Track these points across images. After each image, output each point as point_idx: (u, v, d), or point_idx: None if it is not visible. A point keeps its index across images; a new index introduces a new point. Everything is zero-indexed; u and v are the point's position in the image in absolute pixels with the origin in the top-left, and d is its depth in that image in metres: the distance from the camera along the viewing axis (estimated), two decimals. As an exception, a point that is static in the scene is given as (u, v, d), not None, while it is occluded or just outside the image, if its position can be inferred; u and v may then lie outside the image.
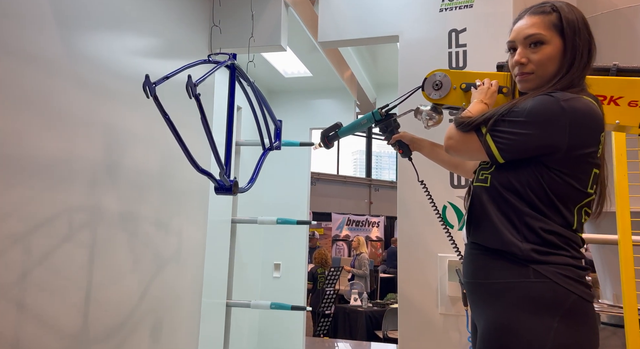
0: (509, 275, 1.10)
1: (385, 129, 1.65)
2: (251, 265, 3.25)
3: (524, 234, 1.10)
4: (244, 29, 2.24)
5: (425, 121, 1.57)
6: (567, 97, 1.09)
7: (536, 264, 1.07)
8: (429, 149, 1.61)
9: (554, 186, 1.09)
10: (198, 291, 2.32)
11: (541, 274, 1.06)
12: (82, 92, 1.59)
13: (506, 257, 1.11)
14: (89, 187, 1.62)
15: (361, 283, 6.78)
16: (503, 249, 1.11)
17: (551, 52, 1.16)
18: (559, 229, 1.09)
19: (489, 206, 1.16)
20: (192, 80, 1.24)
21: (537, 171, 1.10)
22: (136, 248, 1.87)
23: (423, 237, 2.01)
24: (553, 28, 1.16)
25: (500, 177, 1.15)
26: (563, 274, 1.06)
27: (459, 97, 1.47)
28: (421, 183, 1.67)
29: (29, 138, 1.40)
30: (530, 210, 1.10)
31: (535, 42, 1.17)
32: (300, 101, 3.56)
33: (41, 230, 1.44)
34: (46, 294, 1.46)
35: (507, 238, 1.11)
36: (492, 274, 1.13)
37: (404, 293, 2.02)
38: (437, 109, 1.56)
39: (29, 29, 1.40)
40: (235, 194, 1.57)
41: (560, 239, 1.09)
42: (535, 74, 1.18)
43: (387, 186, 13.80)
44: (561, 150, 1.07)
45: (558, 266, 1.06)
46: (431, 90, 1.50)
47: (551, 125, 1.08)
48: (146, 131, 1.90)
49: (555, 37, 1.16)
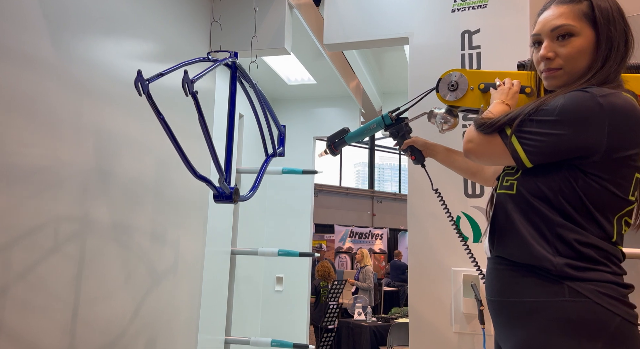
0: (541, 293, 0.98)
1: (396, 134, 1.55)
2: (252, 278, 3.12)
3: (557, 247, 0.98)
4: (245, 28, 2.14)
5: (439, 124, 1.46)
6: (605, 93, 0.97)
7: (572, 281, 0.95)
8: (443, 154, 1.51)
9: (590, 192, 0.97)
10: (196, 308, 2.19)
11: (578, 293, 0.94)
12: (72, 94, 1.49)
13: (537, 273, 0.99)
14: (77, 195, 1.51)
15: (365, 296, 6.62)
16: (533, 263, 0.99)
17: (582, 44, 1.04)
18: (596, 242, 0.97)
19: (515, 216, 1.04)
20: (189, 76, 1.13)
21: (571, 175, 0.98)
22: (129, 262, 1.75)
23: (435, 250, 1.89)
24: (584, 18, 1.04)
25: (528, 183, 1.03)
26: (604, 293, 0.93)
27: (477, 99, 1.36)
28: (435, 191, 1.56)
29: (11, 142, 1.29)
30: (563, 220, 0.98)
31: (563, 34, 1.05)
32: (303, 109, 3.46)
33: (23, 242, 1.32)
34: (27, 312, 1.34)
35: (538, 252, 0.99)
36: (521, 292, 1.01)
37: (415, 309, 1.89)
38: (453, 111, 1.45)
39: (15, 28, 1.30)
40: (235, 202, 1.45)
41: (599, 252, 0.97)
42: (564, 69, 1.07)
43: (389, 197, 13.69)
44: (599, 152, 0.95)
45: (597, 284, 0.94)
46: (446, 91, 1.40)
47: (587, 124, 0.95)
48: (141, 136, 1.79)
49: (586, 28, 1.04)
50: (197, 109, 1.20)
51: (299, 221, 3.29)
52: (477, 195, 1.86)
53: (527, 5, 1.88)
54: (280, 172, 2.40)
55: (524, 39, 1.85)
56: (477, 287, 1.76)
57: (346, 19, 2.16)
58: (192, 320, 2.17)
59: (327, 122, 3.49)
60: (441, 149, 1.52)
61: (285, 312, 3.23)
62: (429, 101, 1.51)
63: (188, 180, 1.43)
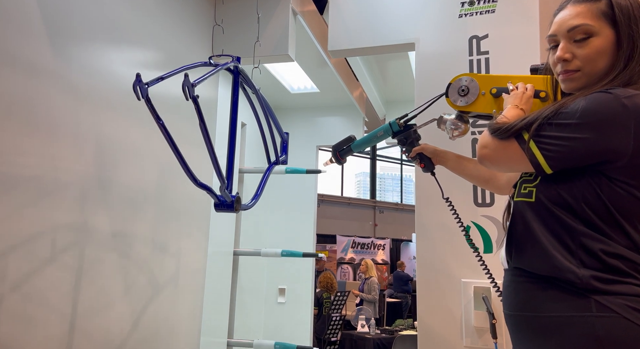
0: (565, 308, 0.91)
1: (405, 141, 1.51)
2: (254, 290, 3.05)
3: (581, 258, 0.91)
4: (248, 33, 2.10)
5: (450, 131, 1.42)
6: (629, 94, 0.91)
7: (599, 295, 0.88)
8: (454, 162, 1.46)
9: (616, 200, 0.91)
10: (197, 320, 2.13)
11: (606, 308, 0.87)
12: (72, 101, 1.45)
13: (560, 285, 0.92)
14: (76, 203, 1.46)
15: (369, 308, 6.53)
16: (555, 275, 0.93)
17: (601, 45, 0.99)
18: (624, 252, 0.90)
19: (534, 225, 0.98)
20: (190, 80, 1.08)
21: (595, 182, 0.93)
22: (128, 272, 1.69)
23: (445, 261, 1.83)
24: (602, 17, 0.99)
25: (548, 190, 0.98)
26: (634, 308, 0.86)
27: (489, 104, 1.31)
28: (447, 200, 1.51)
29: (9, 148, 1.25)
30: (587, 229, 0.92)
31: (581, 34, 1.00)
32: (306, 118, 3.43)
33: (19, 251, 1.27)
34: (22, 324, 1.28)
35: (560, 263, 0.92)
36: (543, 307, 0.94)
37: (424, 322, 1.83)
38: (463, 117, 1.41)
39: (16, 34, 1.26)
40: (237, 211, 1.40)
41: (627, 263, 0.90)
42: (582, 71, 1.02)
43: (391, 208, 13.61)
44: (625, 156, 0.89)
45: (627, 298, 0.87)
46: (457, 96, 1.35)
47: (611, 126, 0.90)
48: (142, 144, 1.74)
49: (605, 27, 0.99)
50: (197, 113, 1.16)
51: (302, 224, 3.24)
52: (488, 204, 1.81)
53: (537, 10, 1.84)
54: (283, 172, 2.35)
55: (533, 44, 1.81)
56: (488, 299, 1.70)
57: (351, 25, 2.13)
58: (193, 332, 2.11)
59: (330, 131, 3.45)
60: (451, 156, 1.47)
61: (288, 324, 3.16)
62: (437, 107, 1.47)
63: (189, 188, 1.38)
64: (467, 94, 1.33)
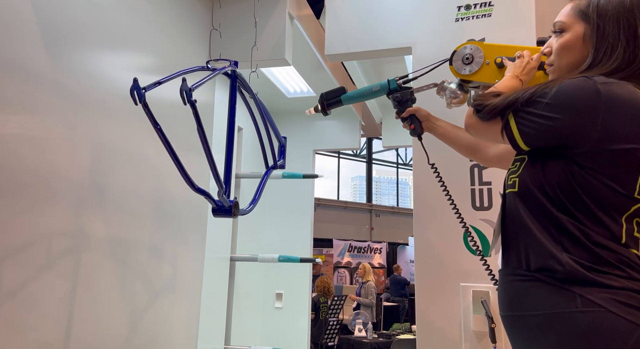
0: (548, 304, 0.89)
1: (399, 101, 1.47)
2: (252, 295, 3.04)
3: (563, 245, 0.91)
4: (246, 37, 2.10)
5: (448, 98, 1.41)
6: (607, 81, 0.92)
7: (583, 288, 0.86)
8: (445, 130, 1.46)
9: (588, 188, 0.91)
10: (194, 326, 2.11)
11: (592, 302, 0.85)
12: (68, 106, 1.44)
13: (544, 281, 0.91)
14: (72, 209, 1.45)
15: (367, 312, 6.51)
16: (540, 265, 0.92)
17: (566, 40, 1.04)
18: (605, 242, 0.89)
19: (521, 213, 0.98)
20: (187, 84, 1.08)
21: (568, 169, 0.92)
22: (125, 278, 1.68)
23: (443, 265, 1.82)
24: (577, 14, 1.04)
25: (529, 178, 0.99)
26: (620, 301, 0.84)
27: (492, 74, 1.31)
28: (432, 166, 1.50)
29: (4, 153, 1.23)
30: (565, 216, 0.92)
31: (557, 31, 1.07)
32: (303, 122, 3.42)
33: (14, 258, 1.26)
34: (17, 332, 1.26)
35: (546, 249, 0.92)
36: (531, 304, 0.93)
37: (423, 326, 1.82)
38: (464, 86, 1.39)
39: (12, 39, 1.25)
40: (235, 216, 1.39)
41: (610, 254, 0.88)
42: (554, 65, 1.08)
43: (388, 211, 13.62)
44: (589, 141, 0.89)
45: (612, 291, 0.85)
46: (460, 64, 1.34)
47: (580, 110, 0.91)
48: (139, 149, 1.73)
49: (576, 23, 1.04)
50: (195, 118, 1.15)
51: (299, 228, 3.24)
52: (486, 208, 1.81)
53: (533, 14, 1.85)
54: (280, 176, 2.35)
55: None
56: (487, 303, 1.69)
57: (348, 29, 2.13)
58: (190, 338, 2.09)
59: (327, 135, 3.45)
60: (443, 124, 1.47)
61: (285, 329, 3.14)
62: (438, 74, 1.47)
63: (187, 193, 1.37)
64: (471, 62, 1.33)
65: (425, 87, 1.48)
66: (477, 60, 1.32)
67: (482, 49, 1.31)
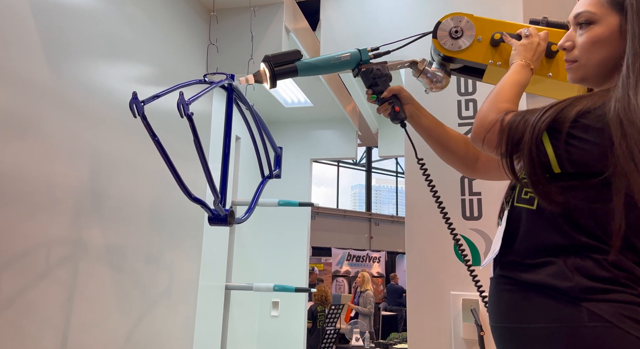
0: (553, 317, 0.83)
1: (376, 76, 1.18)
2: (248, 304, 3.06)
3: (576, 266, 0.84)
4: (242, 51, 2.15)
5: (428, 81, 1.20)
6: None
7: (590, 303, 0.81)
8: (430, 122, 1.23)
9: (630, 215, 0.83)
10: (190, 333, 2.14)
11: (599, 317, 0.79)
12: (67, 116, 1.48)
13: (549, 293, 0.85)
14: (71, 218, 1.49)
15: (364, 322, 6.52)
16: (545, 282, 0.85)
17: (597, 34, 0.91)
18: (626, 265, 0.84)
19: (533, 233, 0.91)
20: (184, 98, 1.12)
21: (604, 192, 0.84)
22: (122, 285, 1.71)
23: (434, 273, 1.86)
24: (609, 4, 0.91)
25: None
26: (627, 316, 0.79)
27: (485, 52, 1.11)
28: (419, 161, 1.26)
29: (5, 163, 1.27)
30: (588, 239, 0.85)
31: (582, 22, 0.93)
32: (300, 132, 3.47)
33: (13, 265, 1.30)
34: (16, 338, 1.30)
35: (555, 272, 0.85)
36: (530, 317, 0.86)
37: (414, 334, 1.85)
38: (446, 66, 1.18)
39: (12, 50, 1.30)
40: (230, 225, 1.43)
41: (626, 275, 0.83)
42: (579, 62, 0.94)
43: (387, 220, 13.63)
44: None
45: (620, 305, 0.80)
46: (447, 38, 1.12)
47: None
48: (137, 158, 1.77)
49: (610, 15, 0.90)
50: (192, 131, 1.19)
51: (295, 252, 3.25)
52: (476, 217, 1.85)
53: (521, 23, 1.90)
54: (276, 204, 2.39)
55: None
56: (477, 312, 1.73)
57: (342, 43, 2.18)
58: (186, 345, 2.12)
59: (324, 145, 3.49)
60: (429, 115, 1.24)
61: (281, 338, 3.16)
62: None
63: (183, 202, 1.41)
64: (460, 36, 1.13)
65: (401, 65, 1.24)
66: (467, 34, 1.12)
67: (474, 22, 1.12)
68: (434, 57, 1.23)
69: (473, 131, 0.96)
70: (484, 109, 0.96)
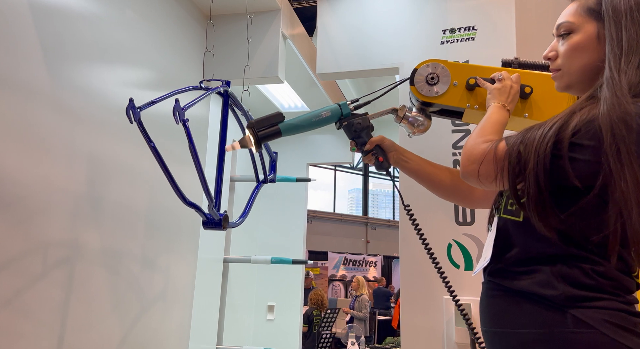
0: (540, 323, 0.85)
1: (358, 129, 1.23)
2: (243, 307, 3.08)
3: (564, 277, 0.86)
4: (239, 58, 2.18)
5: (410, 126, 1.24)
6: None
7: (577, 310, 0.83)
8: (418, 165, 1.27)
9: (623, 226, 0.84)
10: (186, 335, 2.16)
11: (583, 323, 0.82)
12: (65, 121, 1.50)
13: (535, 299, 0.88)
14: (68, 221, 1.50)
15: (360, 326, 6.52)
16: (532, 290, 0.88)
17: (576, 41, 0.95)
18: (614, 274, 0.85)
19: (520, 244, 0.93)
20: (180, 104, 1.14)
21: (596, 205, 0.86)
22: (118, 288, 1.73)
23: (427, 277, 1.88)
24: (586, 13, 0.95)
25: None
26: (613, 323, 0.82)
27: (461, 96, 1.15)
28: (406, 207, 1.30)
29: (2, 167, 1.29)
30: (577, 250, 0.87)
31: (563, 32, 0.97)
32: (296, 136, 3.48)
33: (10, 267, 1.31)
34: (12, 339, 1.31)
35: (541, 281, 0.88)
36: (517, 322, 0.89)
37: (408, 338, 1.87)
38: (426, 111, 1.23)
39: (9, 55, 1.32)
40: (224, 229, 1.45)
41: (613, 283, 0.86)
42: (563, 69, 0.98)
43: (384, 224, 13.65)
44: None
45: (605, 312, 0.82)
46: (424, 84, 1.17)
47: None
48: (133, 163, 1.79)
49: (588, 23, 0.94)
50: (187, 137, 1.21)
51: (292, 238, 3.29)
52: (468, 222, 1.87)
53: (514, 38, 1.93)
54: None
55: (511, 69, 1.89)
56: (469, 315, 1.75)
57: (338, 49, 2.21)
58: (182, 347, 2.13)
59: (320, 149, 3.52)
60: (414, 156, 1.28)
61: (277, 341, 3.17)
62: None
63: (179, 206, 1.43)
64: (437, 82, 1.17)
65: (382, 112, 1.29)
66: (443, 80, 1.16)
67: (449, 68, 1.17)
68: (414, 102, 1.27)
69: (462, 167, 0.95)
70: (470, 143, 0.97)
